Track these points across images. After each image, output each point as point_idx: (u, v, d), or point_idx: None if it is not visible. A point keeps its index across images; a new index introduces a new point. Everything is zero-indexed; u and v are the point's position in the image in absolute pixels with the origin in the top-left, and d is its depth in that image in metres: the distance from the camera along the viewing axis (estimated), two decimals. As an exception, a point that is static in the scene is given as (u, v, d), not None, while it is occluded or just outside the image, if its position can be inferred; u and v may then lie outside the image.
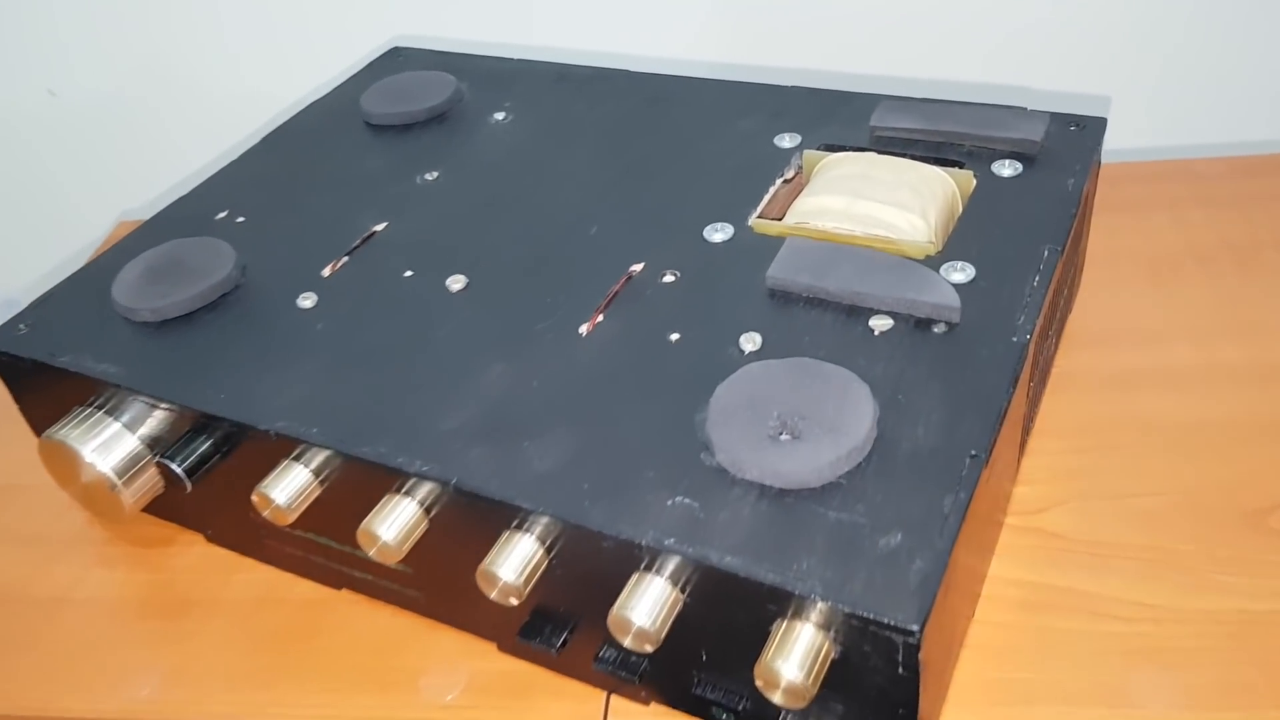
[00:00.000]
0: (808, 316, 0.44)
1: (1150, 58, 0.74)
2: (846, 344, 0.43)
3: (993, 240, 0.47)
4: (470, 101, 0.64)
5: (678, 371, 0.43)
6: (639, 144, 0.57)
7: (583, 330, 0.46)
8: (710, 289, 0.47)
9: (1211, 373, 0.53)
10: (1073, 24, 0.73)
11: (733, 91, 0.61)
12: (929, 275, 0.44)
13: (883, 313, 0.44)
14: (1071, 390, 0.53)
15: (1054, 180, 0.50)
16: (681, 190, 0.53)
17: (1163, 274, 0.60)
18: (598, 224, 0.52)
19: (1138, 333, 0.56)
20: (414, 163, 0.59)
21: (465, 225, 0.53)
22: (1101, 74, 0.74)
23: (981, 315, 0.43)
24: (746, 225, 0.50)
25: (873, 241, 0.47)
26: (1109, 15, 0.73)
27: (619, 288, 0.48)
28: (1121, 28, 0.73)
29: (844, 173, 0.51)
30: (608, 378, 0.43)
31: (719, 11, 0.77)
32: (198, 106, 0.84)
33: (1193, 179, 0.67)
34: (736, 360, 0.43)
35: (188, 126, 0.84)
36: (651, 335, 0.45)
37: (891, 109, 0.55)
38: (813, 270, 0.46)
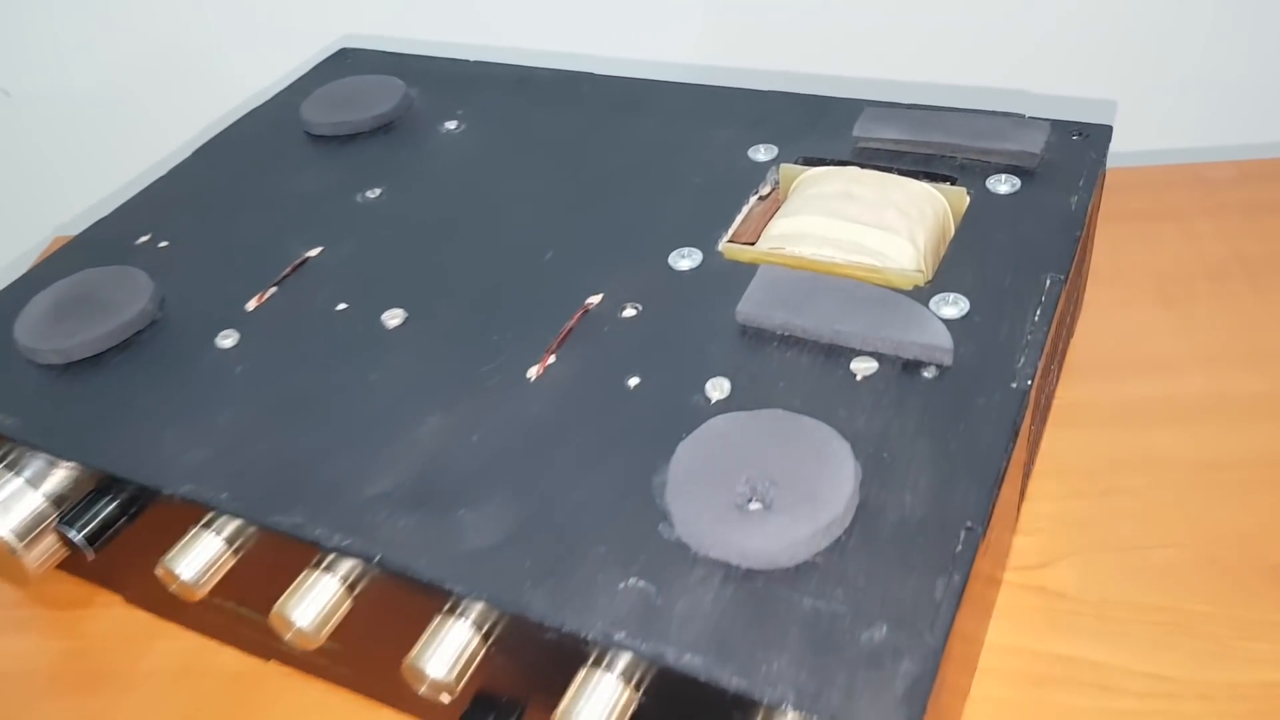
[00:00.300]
0: (782, 358, 0.40)
1: (1155, 56, 0.69)
2: (825, 391, 0.38)
3: (988, 268, 0.42)
4: (420, 109, 0.59)
5: (636, 424, 0.38)
6: (601, 157, 0.52)
7: (531, 374, 0.41)
8: (674, 325, 0.42)
9: (1228, 405, 0.49)
10: (1073, 21, 0.68)
11: (706, 97, 0.56)
12: (917, 311, 0.40)
13: (866, 354, 0.39)
14: (1075, 426, 0.49)
15: (1055, 198, 0.45)
16: (646, 210, 0.48)
17: (1172, 292, 0.55)
18: (553, 249, 0.47)
19: (1146, 360, 0.51)
20: (355, 178, 0.54)
21: (407, 250, 0.48)
22: (1104, 74, 0.69)
23: (976, 357, 0.38)
24: (716, 250, 0.45)
25: (855, 270, 0.42)
26: (1111, 11, 0.68)
27: (573, 324, 0.43)
28: (1125, 24, 0.68)
29: (823, 190, 0.47)
30: (556, 431, 0.38)
31: (696, 7, 0.72)
32: (136, 110, 0.78)
33: (1201, 185, 0.62)
34: (702, 410, 0.38)
35: (118, 134, 0.79)
36: (608, 380, 0.40)
37: (876, 117, 0.50)
38: (787, 305, 0.41)
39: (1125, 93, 0.69)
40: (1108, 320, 0.54)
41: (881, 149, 0.49)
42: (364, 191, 0.53)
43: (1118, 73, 0.69)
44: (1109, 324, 0.54)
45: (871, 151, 0.49)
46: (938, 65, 0.69)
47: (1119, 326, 0.53)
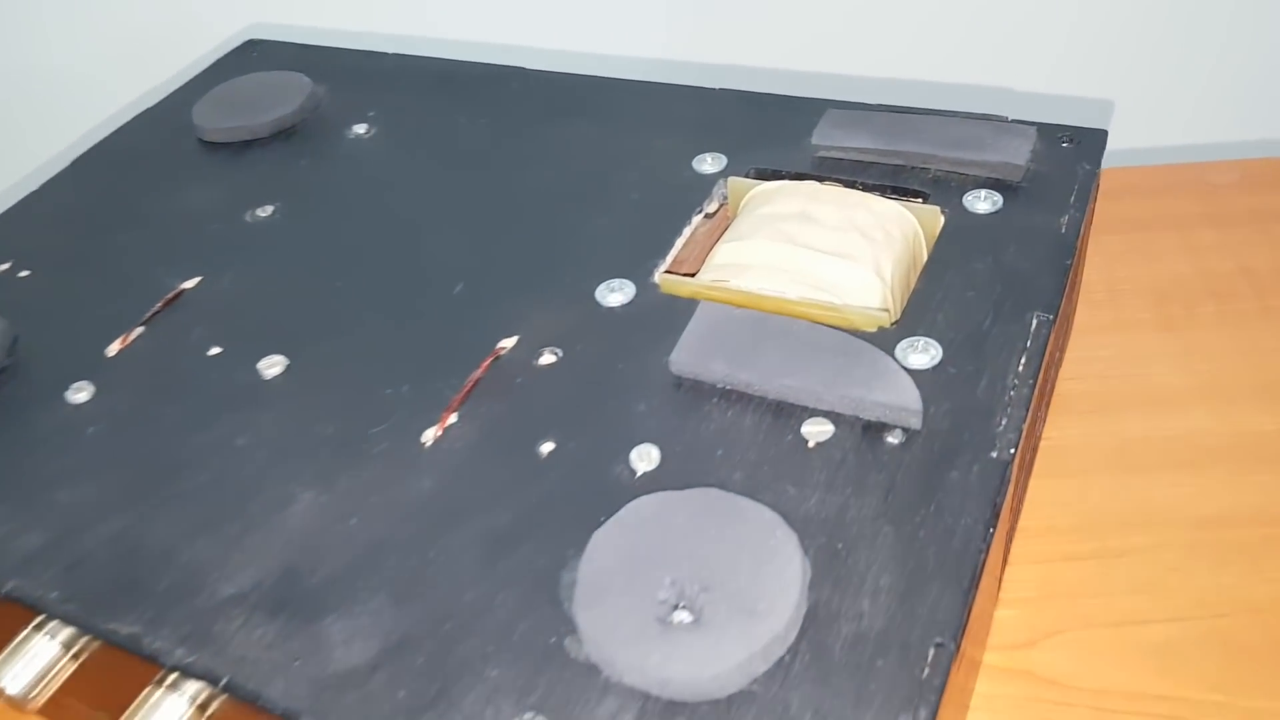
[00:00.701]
0: (722, 418, 0.33)
1: (1152, 45, 0.63)
2: (771, 461, 0.32)
3: (965, 305, 0.36)
4: (328, 110, 0.52)
5: (546, 503, 0.32)
6: (527, 168, 0.46)
7: (428, 437, 0.35)
8: (599, 376, 0.36)
9: (1239, 449, 0.43)
10: (1063, 9, 0.61)
11: (650, 97, 0.49)
12: (881, 362, 0.33)
13: (820, 414, 0.33)
14: (1064, 474, 0.43)
15: (1043, 218, 0.39)
16: (574, 232, 0.42)
17: (1173, 314, 0.49)
18: (465, 279, 0.41)
19: (1145, 394, 0.46)
20: (247, 193, 0.47)
21: (296, 282, 0.42)
22: (1096, 67, 0.63)
23: (950, 418, 0.32)
24: (651, 282, 0.39)
25: (810, 309, 0.36)
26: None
27: (480, 374, 0.36)
28: (1121, 12, 0.61)
29: (777, 210, 0.40)
30: (451, 512, 0.32)
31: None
32: (23, 107, 0.71)
33: (1202, 189, 0.56)
34: (625, 486, 0.32)
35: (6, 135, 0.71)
36: (516, 445, 0.34)
37: (838, 122, 0.44)
38: (729, 354, 0.35)
39: (1120, 86, 0.63)
40: (1101, 347, 0.48)
41: (844, 159, 0.43)
42: (254, 209, 0.46)
43: (1111, 65, 0.63)
44: (1103, 351, 0.48)
45: (833, 163, 0.43)
46: (915, 61, 0.62)
47: (1114, 354, 0.47)
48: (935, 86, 0.63)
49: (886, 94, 0.62)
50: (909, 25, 0.62)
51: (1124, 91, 0.63)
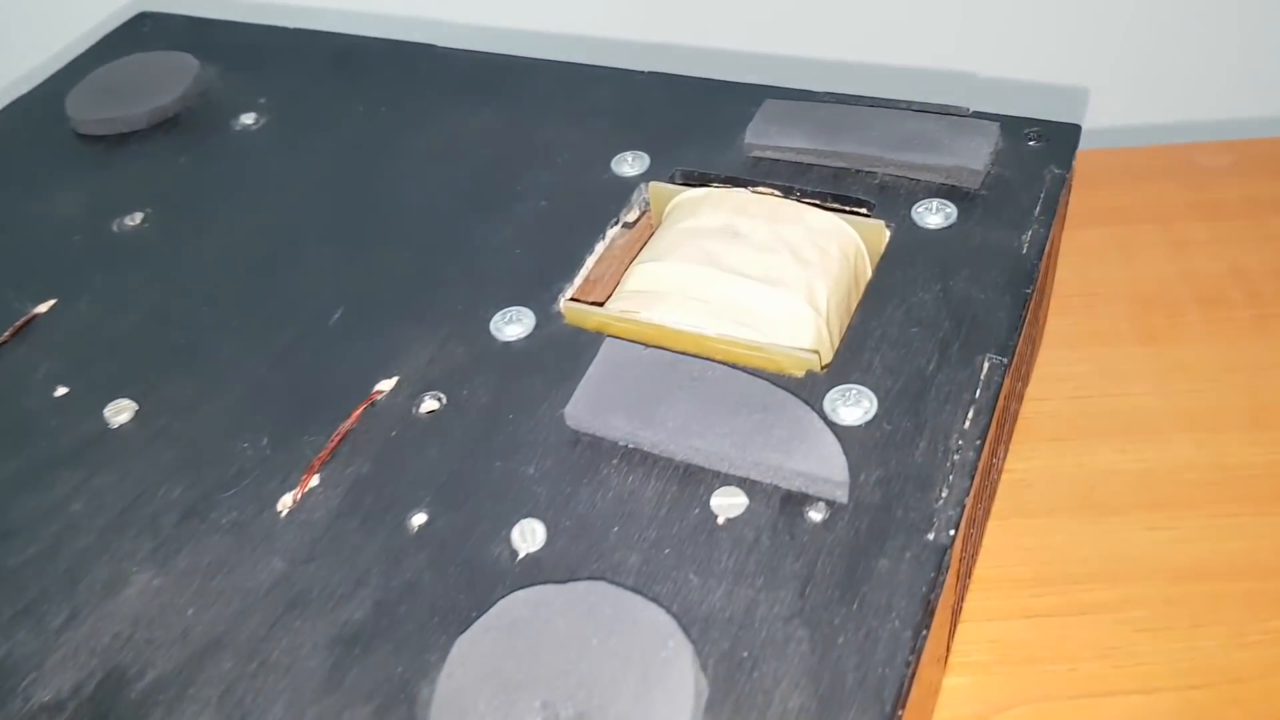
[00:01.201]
0: (620, 486, 0.29)
1: (1132, 9, 0.57)
2: (673, 543, 0.27)
3: (907, 344, 0.31)
4: (217, 95, 0.47)
5: (412, 591, 0.27)
6: (424, 168, 0.41)
7: (284, 505, 0.30)
8: (485, 429, 0.31)
9: (1222, 485, 0.38)
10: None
11: (570, 80, 0.44)
12: (806, 420, 0.29)
13: (733, 482, 0.28)
14: (1027, 512, 0.38)
15: (1002, 235, 0.34)
16: (472, 247, 0.37)
17: (1155, 324, 0.44)
18: (345, 304, 0.36)
19: (1120, 419, 0.41)
20: (116, 197, 0.42)
21: (158, 308, 0.37)
22: (1069, 33, 0.57)
23: (882, 489, 0.28)
24: (555, 311, 0.34)
25: (732, 347, 0.31)
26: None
27: (350, 425, 0.32)
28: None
29: (701, 224, 0.35)
30: (301, 604, 0.28)
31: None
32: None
33: (1191, 174, 0.51)
34: (503, 570, 0.27)
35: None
36: (384, 516, 0.29)
37: (775, 116, 0.39)
38: (633, 406, 0.30)
39: (1097, 56, 0.57)
40: (1074, 361, 0.43)
41: (780, 160, 0.38)
42: (123, 217, 0.41)
43: (1087, 29, 0.57)
44: (1075, 367, 0.43)
45: (769, 164, 0.38)
46: (870, 42, 0.56)
47: (1088, 370, 0.43)
48: (891, 71, 0.57)
49: (838, 78, 0.56)
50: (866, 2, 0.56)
51: (1102, 62, 0.57)
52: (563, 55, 0.46)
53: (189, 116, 0.46)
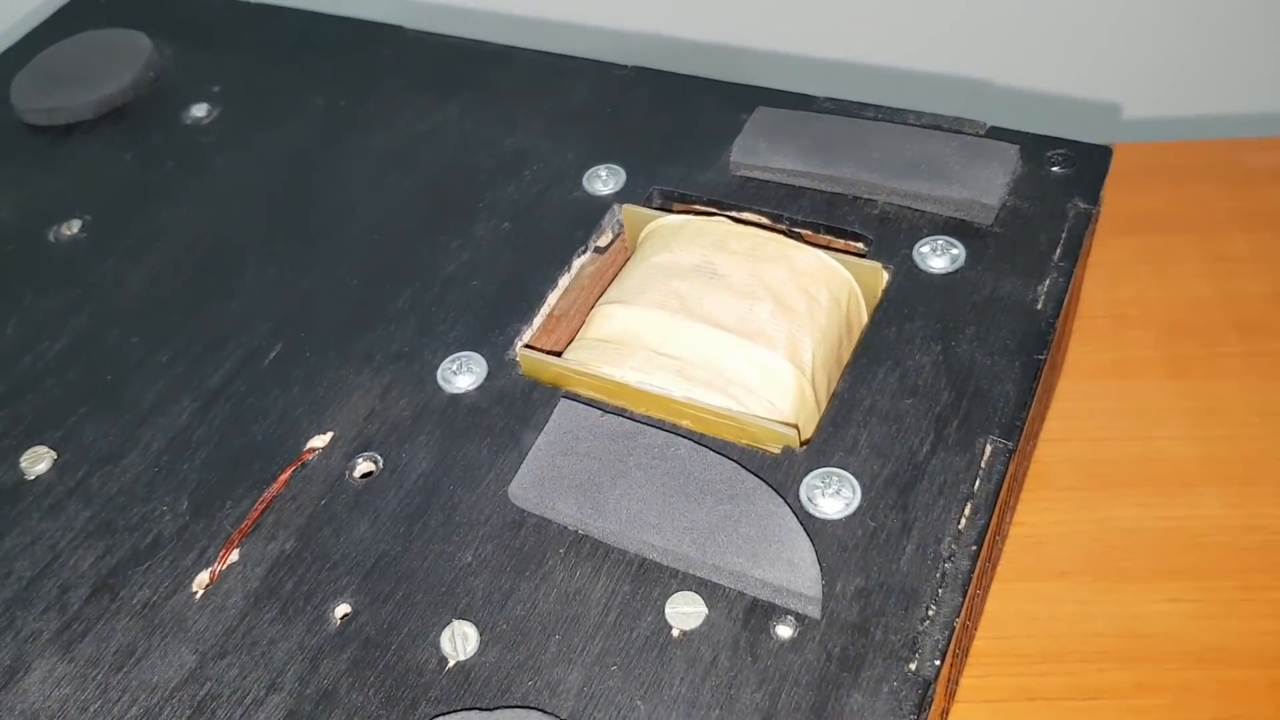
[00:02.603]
0: (566, 583, 0.26)
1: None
2: (620, 658, 0.24)
3: (899, 419, 0.27)
4: (168, 82, 0.43)
5: (326, 701, 0.24)
6: (382, 173, 0.37)
7: (199, 584, 0.27)
8: (423, 501, 0.28)
9: (1253, 550, 0.35)
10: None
11: (547, 71, 0.40)
12: (777, 515, 0.25)
13: (692, 585, 0.25)
14: (1037, 575, 0.35)
15: (1015, 285, 0.30)
16: (425, 275, 0.33)
17: (1188, 354, 0.40)
18: (283, 340, 0.32)
19: (1145, 466, 0.37)
20: (55, 202, 0.39)
21: (88, 338, 0.34)
22: (1102, 21, 0.51)
23: (860, 603, 0.24)
24: (509, 357, 0.31)
25: (701, 414, 0.28)
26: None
27: (276, 490, 0.29)
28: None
29: (674, 260, 0.31)
30: (204, 710, 0.25)
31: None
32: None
33: (1236, 177, 0.46)
34: (428, 681, 0.24)
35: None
36: (304, 605, 0.26)
37: (766, 129, 0.34)
38: (585, 487, 0.26)
39: (1132, 40, 0.52)
40: (1097, 396, 0.39)
41: (769, 182, 0.34)
42: (60, 225, 0.38)
43: (1120, 11, 0.51)
44: (1098, 402, 0.39)
45: (756, 185, 0.34)
46: (880, 42, 0.51)
47: (1111, 407, 0.39)
48: (900, 74, 0.52)
49: (842, 80, 0.51)
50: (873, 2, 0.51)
51: (1138, 45, 0.52)
52: (546, 41, 0.42)
53: (138, 106, 0.42)
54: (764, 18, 0.53)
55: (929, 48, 0.51)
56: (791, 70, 0.53)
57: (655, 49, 0.46)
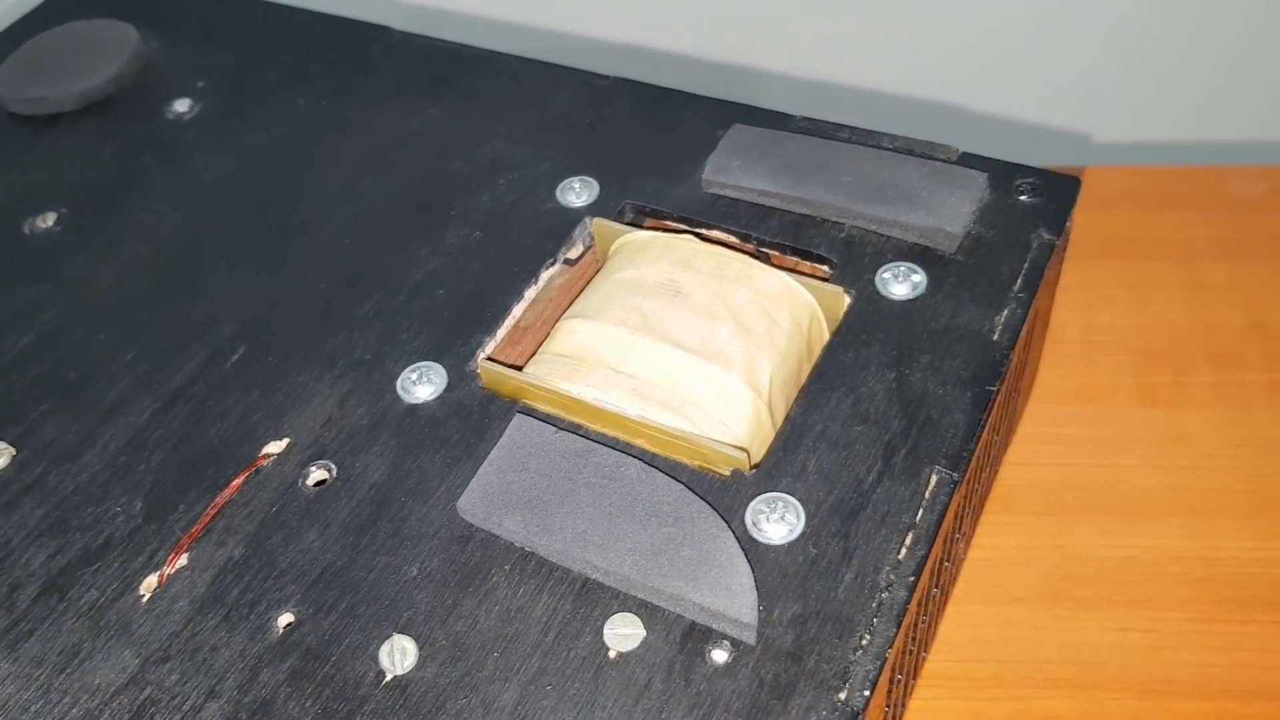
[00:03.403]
0: (509, 600, 0.26)
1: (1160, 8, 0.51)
2: (556, 678, 0.24)
3: (848, 446, 0.27)
4: (153, 75, 0.43)
5: (263, 711, 0.25)
6: (359, 176, 0.37)
7: (147, 587, 0.27)
8: (373, 511, 0.28)
9: (1210, 582, 0.35)
10: None
11: (529, 79, 0.40)
12: (719, 540, 0.25)
13: (633, 607, 0.25)
14: (992, 598, 0.35)
15: (974, 314, 0.30)
16: (391, 281, 0.34)
17: (1159, 383, 0.40)
18: (247, 344, 0.33)
19: (1108, 494, 0.37)
20: (32, 193, 0.39)
21: (54, 331, 0.34)
22: (1081, 40, 0.51)
23: (796, 629, 0.24)
24: (470, 369, 0.31)
25: (654, 434, 0.28)
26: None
27: (229, 495, 0.29)
28: None
29: (640, 277, 0.31)
30: (146, 717, 0.25)
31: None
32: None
33: (1218, 205, 0.46)
34: (365, 695, 0.25)
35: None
36: (249, 613, 0.26)
37: (740, 148, 0.34)
38: (533, 504, 0.27)
39: (1120, 60, 0.52)
40: (1064, 421, 0.39)
41: (740, 201, 0.34)
42: (36, 217, 0.38)
43: (1102, 28, 0.51)
44: (1065, 428, 0.39)
45: (728, 203, 0.34)
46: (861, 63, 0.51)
47: (1078, 433, 0.39)
48: (879, 97, 0.52)
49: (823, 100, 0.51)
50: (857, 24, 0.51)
51: (1123, 66, 0.52)
52: (538, 48, 0.42)
53: (122, 98, 0.42)
54: (753, 34, 0.53)
55: (915, 71, 0.51)
56: (768, 87, 0.53)
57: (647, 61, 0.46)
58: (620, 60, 0.41)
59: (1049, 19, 0.52)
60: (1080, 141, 0.54)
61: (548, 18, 0.57)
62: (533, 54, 0.41)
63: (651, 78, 0.39)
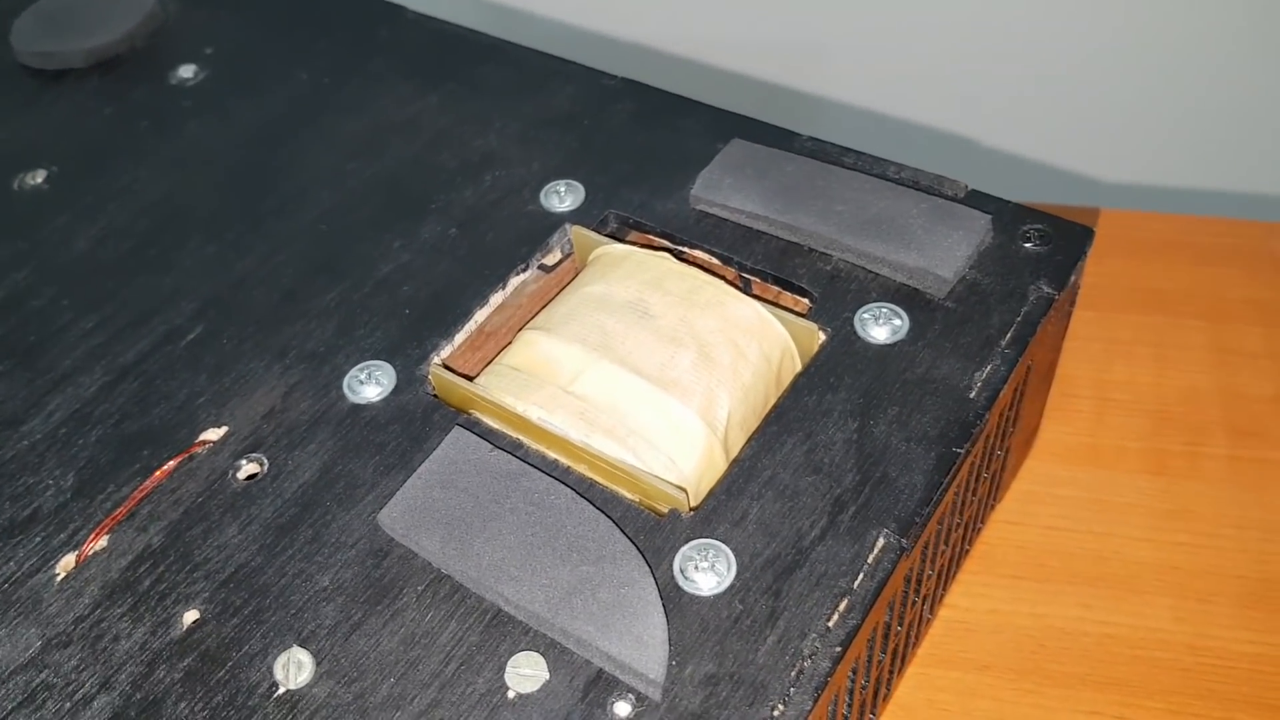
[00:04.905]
0: (415, 623, 0.25)
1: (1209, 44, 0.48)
2: (449, 712, 0.23)
3: (795, 497, 0.26)
4: (163, 38, 0.43)
5: (153, 710, 0.24)
6: (347, 157, 0.36)
7: (64, 567, 0.27)
8: (296, 514, 0.27)
9: (1197, 673, 0.32)
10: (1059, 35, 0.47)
11: (537, 72, 0.39)
12: (638, 585, 0.24)
13: (541, 647, 0.24)
14: (956, 662, 0.33)
15: (953, 367, 0.28)
16: (359, 272, 0.32)
17: (1169, 451, 0.38)
18: (205, 323, 0.32)
19: (1098, 564, 0.35)
20: (28, 148, 0.39)
21: (24, 289, 0.34)
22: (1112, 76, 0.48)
23: (705, 691, 0.23)
24: (420, 372, 0.30)
25: (595, 462, 0.27)
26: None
27: (159, 479, 0.28)
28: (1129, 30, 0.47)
29: (609, 293, 0.30)
30: (34, 701, 0.24)
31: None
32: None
33: (1261, 265, 0.43)
34: (254, 705, 0.24)
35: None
36: (155, 606, 0.26)
37: (735, 164, 0.33)
38: (454, 525, 0.25)
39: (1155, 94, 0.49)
40: (1063, 481, 0.37)
41: (727, 221, 0.32)
42: (26, 174, 0.38)
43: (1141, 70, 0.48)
44: (1060, 491, 0.37)
45: (713, 223, 0.32)
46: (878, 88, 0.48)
47: (1075, 495, 0.37)
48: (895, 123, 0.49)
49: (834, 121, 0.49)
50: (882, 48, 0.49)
51: (1165, 111, 0.49)
52: (557, 41, 0.40)
53: (131, 59, 0.42)
54: (761, 49, 0.51)
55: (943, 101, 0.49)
56: (782, 103, 0.51)
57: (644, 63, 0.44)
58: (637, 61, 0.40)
59: (1108, 60, 0.49)
60: (1126, 187, 0.51)
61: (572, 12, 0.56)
62: (554, 46, 0.40)
63: (670, 84, 0.37)
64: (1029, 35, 0.49)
